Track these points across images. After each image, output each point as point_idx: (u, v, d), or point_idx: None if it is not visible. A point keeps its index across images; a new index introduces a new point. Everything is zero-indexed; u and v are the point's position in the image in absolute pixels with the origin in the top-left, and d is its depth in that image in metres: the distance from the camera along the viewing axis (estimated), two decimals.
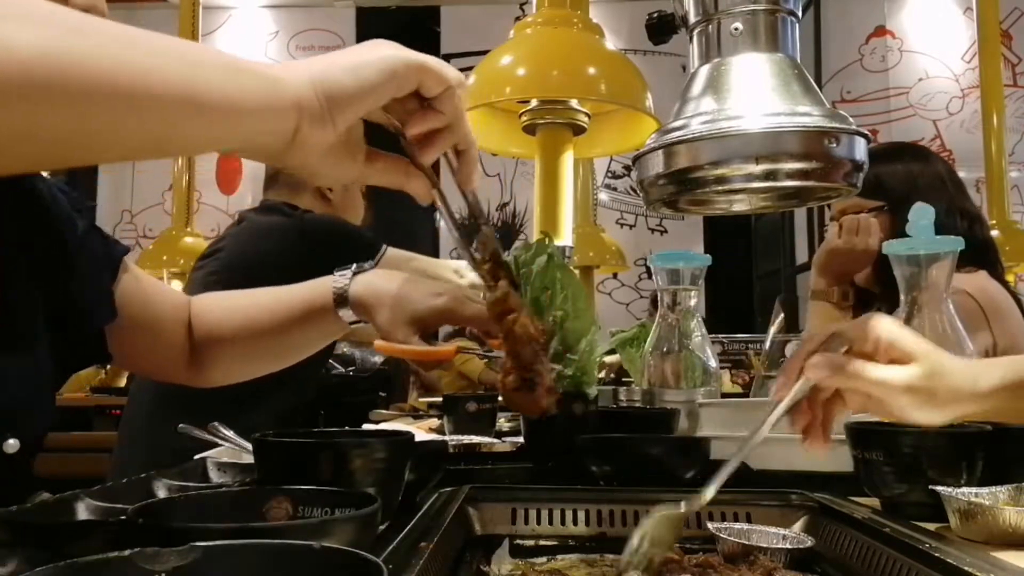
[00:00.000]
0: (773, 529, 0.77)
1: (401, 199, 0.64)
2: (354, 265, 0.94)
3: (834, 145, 0.88)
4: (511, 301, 0.69)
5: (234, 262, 1.72)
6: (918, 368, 0.70)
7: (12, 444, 0.76)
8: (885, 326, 0.72)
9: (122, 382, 3.59)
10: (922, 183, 1.33)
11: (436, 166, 0.65)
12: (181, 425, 1.09)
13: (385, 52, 0.59)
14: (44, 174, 0.88)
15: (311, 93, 0.55)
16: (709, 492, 0.71)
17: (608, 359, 1.94)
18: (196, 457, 0.99)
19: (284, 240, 1.72)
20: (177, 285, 3.16)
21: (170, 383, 1.03)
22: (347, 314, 0.93)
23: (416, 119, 0.63)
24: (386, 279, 0.92)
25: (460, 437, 1.29)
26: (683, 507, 0.71)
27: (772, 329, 1.77)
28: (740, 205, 1.09)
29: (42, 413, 0.81)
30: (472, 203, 0.69)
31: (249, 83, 0.52)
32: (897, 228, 1.80)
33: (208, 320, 0.99)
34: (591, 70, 1.70)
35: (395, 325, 0.87)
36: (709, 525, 0.79)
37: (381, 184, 0.65)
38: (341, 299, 0.92)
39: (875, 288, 1.68)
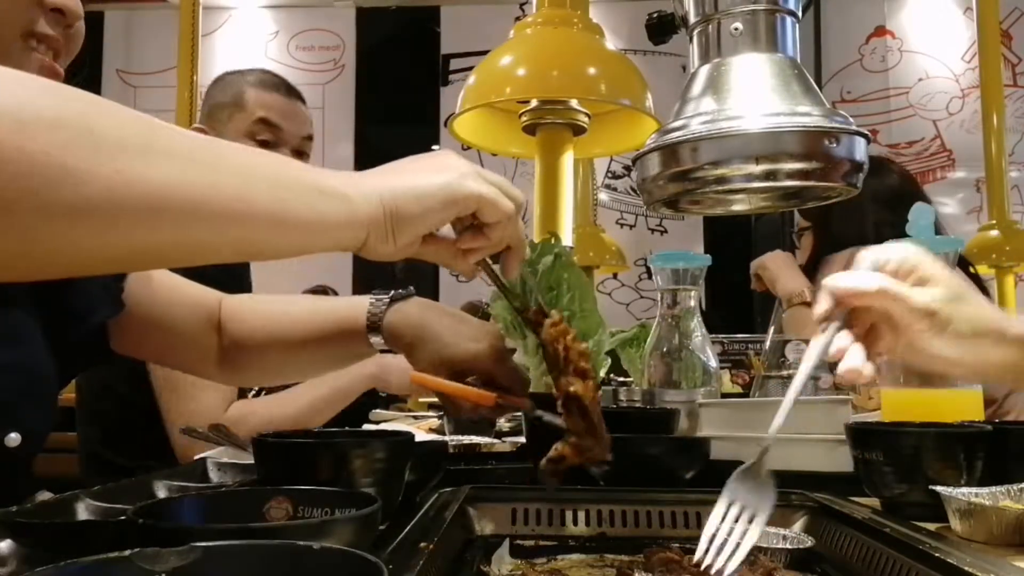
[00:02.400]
0: (773, 529, 0.77)
1: None
2: (392, 291, 0.92)
3: (834, 145, 0.88)
4: (562, 327, 0.70)
5: None
6: (939, 290, 0.70)
7: (14, 438, 0.76)
8: (910, 250, 0.73)
9: None
10: (838, 206, 1.34)
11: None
12: (182, 426, 1.09)
13: (448, 179, 0.62)
14: None
15: (380, 214, 0.59)
16: (773, 429, 0.69)
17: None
18: (196, 457, 0.99)
19: None
20: None
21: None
22: (378, 341, 0.91)
23: (467, 238, 0.67)
24: (424, 312, 0.89)
25: (460, 437, 1.29)
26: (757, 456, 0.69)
27: (772, 329, 1.79)
28: (740, 205, 1.09)
29: (43, 407, 0.81)
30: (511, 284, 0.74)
31: (328, 206, 0.57)
32: (819, 248, 1.93)
33: (240, 327, 1.00)
34: (591, 70, 1.70)
35: (425, 364, 0.85)
36: None
37: (429, 261, 0.69)
38: (374, 326, 0.90)
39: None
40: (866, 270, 0.72)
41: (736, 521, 0.66)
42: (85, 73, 4.72)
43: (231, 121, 1.65)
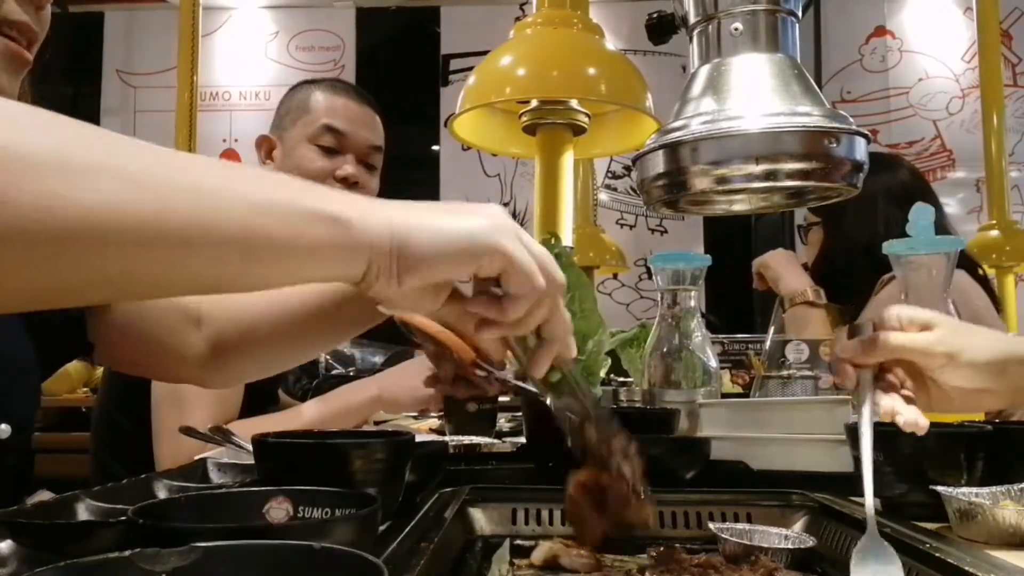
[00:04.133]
0: (774, 529, 0.77)
1: (401, 197, 0.62)
2: None
3: (834, 145, 0.88)
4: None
5: None
6: (940, 329, 0.78)
7: (4, 429, 0.76)
8: (901, 308, 0.81)
9: None
10: (850, 202, 1.34)
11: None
12: (182, 427, 1.09)
13: (477, 225, 0.54)
14: None
15: (386, 245, 0.52)
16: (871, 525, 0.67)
17: None
18: (196, 457, 0.99)
19: None
20: None
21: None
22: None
23: (479, 302, 0.58)
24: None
25: (460, 438, 1.29)
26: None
27: (772, 329, 1.79)
28: (740, 205, 1.09)
29: (27, 397, 0.81)
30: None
31: (316, 231, 0.49)
32: (830, 244, 1.92)
33: (222, 313, 0.92)
34: (591, 70, 1.70)
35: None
36: (710, 525, 0.79)
37: (450, 327, 0.63)
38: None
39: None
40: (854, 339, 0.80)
41: None
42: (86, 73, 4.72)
43: (294, 127, 1.61)
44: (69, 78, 4.77)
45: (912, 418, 0.74)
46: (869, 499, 0.68)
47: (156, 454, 1.39)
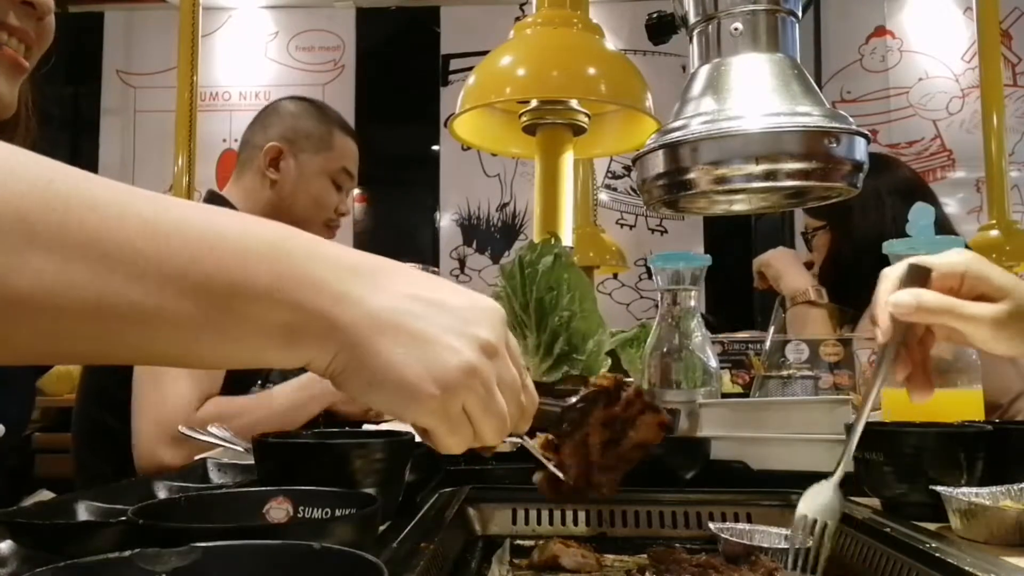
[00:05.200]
0: (774, 529, 0.77)
1: (401, 199, 0.62)
2: None
3: (834, 145, 0.88)
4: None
5: None
6: (1007, 305, 0.73)
7: None
8: (972, 262, 0.75)
9: None
10: (856, 202, 1.34)
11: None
12: (181, 427, 1.09)
13: (426, 385, 0.47)
14: None
15: (329, 356, 0.46)
16: (844, 465, 0.71)
17: None
18: (196, 458, 0.99)
19: None
20: None
21: None
22: None
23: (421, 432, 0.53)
24: None
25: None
26: (833, 480, 0.70)
27: (772, 329, 1.79)
28: (740, 205, 1.09)
29: (20, 395, 0.81)
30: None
31: (251, 316, 0.44)
32: (837, 245, 1.91)
33: None
34: (591, 70, 1.70)
35: None
36: (711, 525, 0.79)
37: None
38: None
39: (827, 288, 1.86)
40: (917, 284, 0.73)
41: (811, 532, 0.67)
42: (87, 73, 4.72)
43: (317, 155, 1.74)
44: (69, 78, 4.77)
45: (924, 387, 0.74)
46: (851, 447, 0.72)
47: (135, 429, 1.38)
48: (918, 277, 0.74)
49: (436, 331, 0.48)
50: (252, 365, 0.47)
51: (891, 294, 0.74)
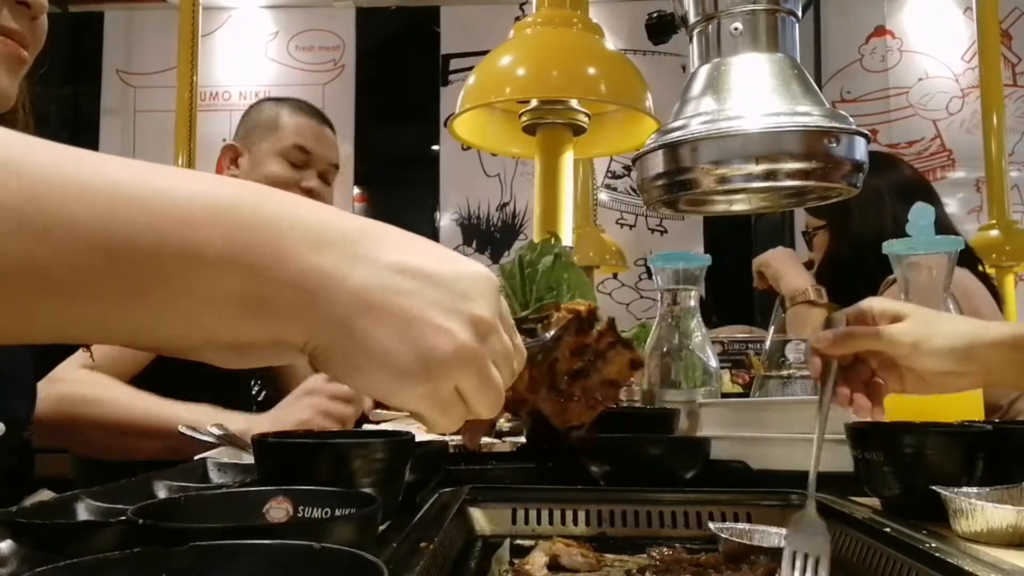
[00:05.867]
0: (774, 529, 0.77)
1: (401, 198, 0.61)
2: None
3: (834, 145, 0.88)
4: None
5: None
6: (912, 320, 0.85)
7: None
8: (874, 300, 0.87)
9: None
10: (855, 201, 1.34)
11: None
12: (181, 427, 1.09)
13: (414, 366, 0.43)
14: None
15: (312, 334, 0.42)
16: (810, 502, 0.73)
17: None
18: (196, 457, 0.99)
19: None
20: None
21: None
22: None
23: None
24: None
25: (460, 438, 1.29)
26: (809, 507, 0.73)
27: (772, 329, 1.79)
28: (740, 205, 1.09)
29: (22, 394, 0.81)
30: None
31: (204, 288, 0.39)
32: (835, 245, 1.91)
33: None
34: (591, 70, 1.70)
35: None
36: (710, 525, 0.79)
37: None
38: None
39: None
40: (825, 331, 0.86)
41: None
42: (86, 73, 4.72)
43: (264, 142, 1.74)
44: (69, 78, 4.77)
45: (865, 406, 0.85)
46: (812, 476, 0.76)
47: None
48: (838, 323, 0.88)
49: (425, 309, 0.44)
50: (212, 344, 0.42)
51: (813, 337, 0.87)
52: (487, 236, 4.78)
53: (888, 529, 0.70)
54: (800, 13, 0.98)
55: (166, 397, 1.34)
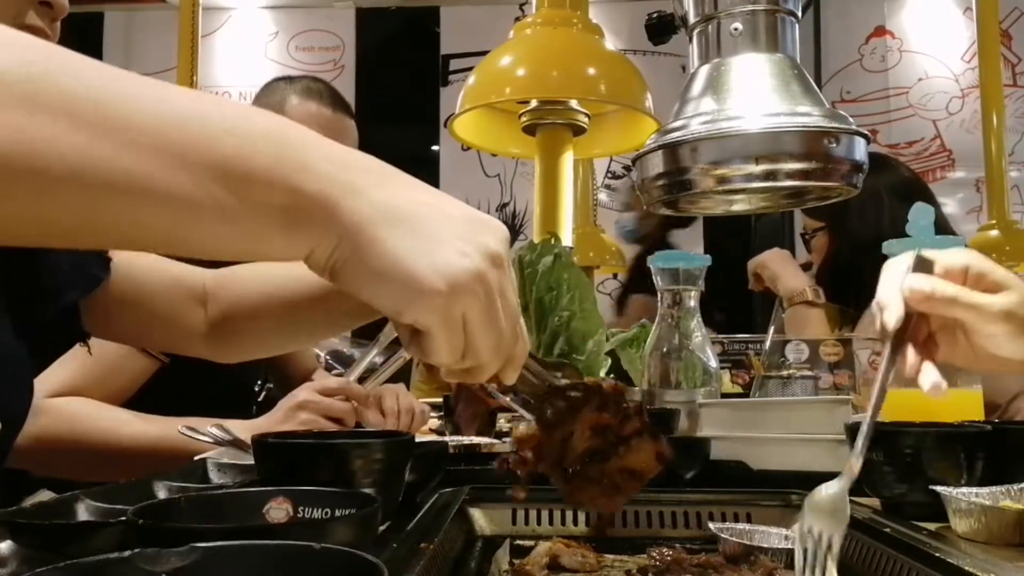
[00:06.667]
0: (774, 529, 0.77)
1: None
2: None
3: (834, 145, 0.88)
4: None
5: None
6: (1013, 295, 0.70)
7: None
8: (974, 258, 0.72)
9: None
10: (854, 202, 1.33)
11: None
12: (181, 427, 1.08)
13: (430, 275, 0.45)
14: None
15: (329, 247, 0.45)
16: (855, 461, 0.66)
17: None
18: (196, 458, 0.99)
19: None
20: None
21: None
22: None
23: (413, 348, 0.49)
24: None
25: (460, 438, 1.29)
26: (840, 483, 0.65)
27: (772, 329, 1.79)
28: (740, 205, 1.09)
29: (19, 393, 0.80)
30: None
31: (242, 199, 0.43)
32: (835, 246, 1.91)
33: (228, 293, 0.94)
34: (591, 70, 1.70)
35: None
36: (710, 525, 0.79)
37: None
38: None
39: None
40: (926, 276, 0.70)
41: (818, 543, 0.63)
42: None
43: None
44: None
45: (937, 381, 0.68)
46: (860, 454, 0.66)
47: None
48: (925, 269, 0.72)
49: (444, 233, 0.47)
50: (253, 255, 0.47)
51: (903, 280, 0.70)
52: None
53: (888, 529, 0.70)
54: (800, 13, 0.98)
55: (169, 399, 1.33)
